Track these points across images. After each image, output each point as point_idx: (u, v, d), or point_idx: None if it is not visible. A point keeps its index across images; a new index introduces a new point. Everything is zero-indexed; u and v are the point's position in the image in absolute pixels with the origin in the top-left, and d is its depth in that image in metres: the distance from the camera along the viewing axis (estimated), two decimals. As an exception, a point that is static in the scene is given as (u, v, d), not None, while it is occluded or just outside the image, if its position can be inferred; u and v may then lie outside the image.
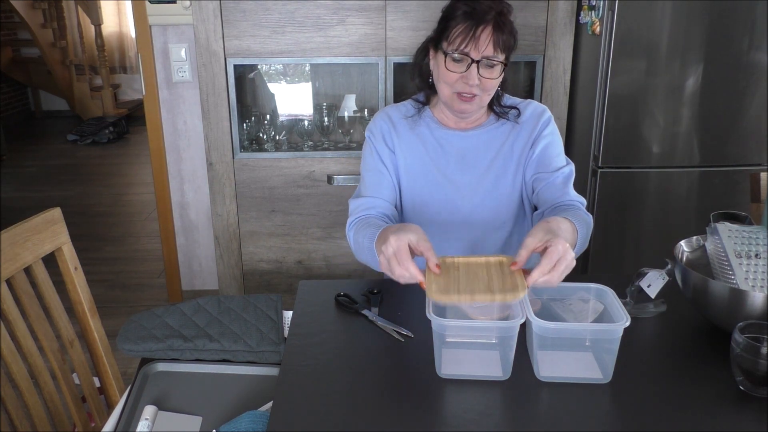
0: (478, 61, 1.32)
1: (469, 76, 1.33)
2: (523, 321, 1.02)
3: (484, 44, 1.31)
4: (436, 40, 1.39)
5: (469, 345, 1.13)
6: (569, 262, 1.04)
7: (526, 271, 1.05)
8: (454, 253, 1.48)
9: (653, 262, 1.27)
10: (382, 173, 1.48)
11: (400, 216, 1.52)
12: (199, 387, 1.21)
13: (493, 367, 1.07)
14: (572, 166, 1.46)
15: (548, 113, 1.48)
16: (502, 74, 1.38)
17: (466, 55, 1.32)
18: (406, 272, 1.08)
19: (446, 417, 0.98)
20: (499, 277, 1.06)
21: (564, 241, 1.04)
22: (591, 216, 1.37)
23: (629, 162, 2.32)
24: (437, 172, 1.47)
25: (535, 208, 1.47)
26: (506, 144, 1.47)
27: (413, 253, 1.10)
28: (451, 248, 1.48)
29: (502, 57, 1.34)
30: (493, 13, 1.31)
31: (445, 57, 1.34)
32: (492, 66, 1.34)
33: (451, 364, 1.08)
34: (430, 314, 1.02)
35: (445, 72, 1.36)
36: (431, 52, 1.42)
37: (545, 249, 1.04)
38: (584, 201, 1.43)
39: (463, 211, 1.47)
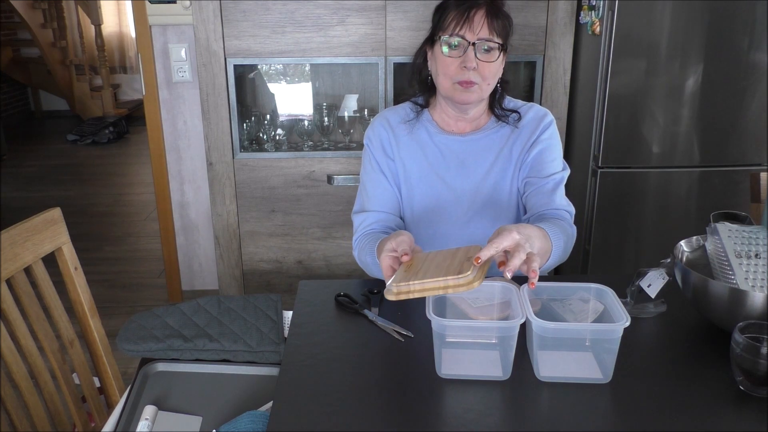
0: (474, 44, 1.32)
1: (466, 58, 1.33)
2: (523, 321, 1.02)
3: (479, 26, 1.31)
4: (431, 36, 1.40)
5: (469, 345, 1.13)
6: (518, 254, 1.02)
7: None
8: None
9: (653, 262, 1.27)
10: (382, 184, 1.47)
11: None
12: (199, 387, 1.21)
13: (493, 367, 1.07)
14: (566, 173, 1.45)
15: (550, 117, 1.47)
16: (501, 61, 1.37)
17: (462, 37, 1.32)
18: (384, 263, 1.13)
19: (446, 417, 0.98)
20: (458, 266, 1.02)
21: (517, 233, 1.03)
22: (575, 228, 1.38)
23: (629, 162, 2.32)
24: (436, 179, 1.46)
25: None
26: (505, 148, 1.46)
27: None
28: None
29: (498, 40, 1.34)
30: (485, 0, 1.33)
31: (442, 44, 1.35)
32: (489, 50, 1.34)
33: (451, 364, 1.08)
34: (430, 314, 1.02)
35: (443, 60, 1.35)
36: (428, 52, 1.42)
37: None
38: (572, 210, 1.42)
39: (461, 218, 1.46)
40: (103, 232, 3.97)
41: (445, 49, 1.34)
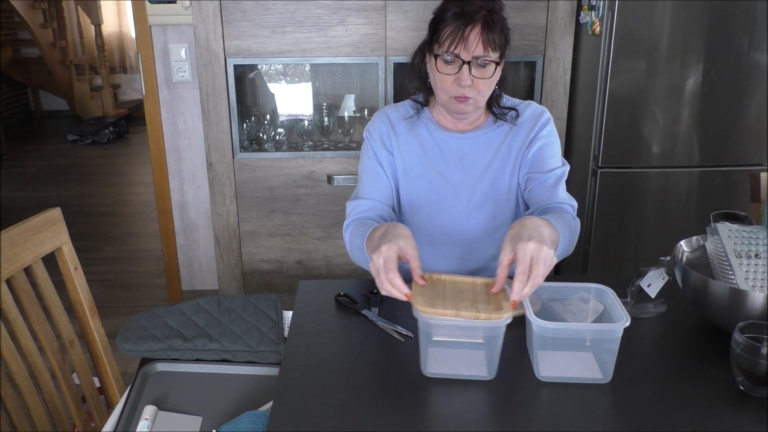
0: (468, 62, 1.31)
1: (461, 77, 1.32)
2: (509, 321, 1.01)
3: (474, 44, 1.30)
4: (428, 43, 1.39)
5: (456, 344, 1.13)
6: (545, 259, 1.03)
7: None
8: (452, 255, 1.49)
9: (653, 262, 1.27)
10: (379, 175, 1.48)
11: (398, 218, 1.51)
12: (199, 387, 1.21)
13: (480, 366, 1.07)
14: (566, 168, 1.45)
15: (547, 114, 1.48)
16: (498, 73, 1.37)
17: (457, 56, 1.31)
18: (391, 288, 1.09)
19: (447, 417, 0.98)
20: (484, 297, 1.07)
21: (528, 240, 1.04)
22: (578, 220, 1.37)
23: (629, 162, 2.32)
24: (435, 174, 1.47)
25: (527, 208, 1.47)
26: (504, 145, 1.46)
27: (400, 259, 1.11)
28: (449, 251, 1.48)
29: (494, 56, 1.32)
30: (483, 12, 1.29)
31: (437, 59, 1.34)
32: (484, 65, 1.33)
33: (436, 363, 1.08)
34: (417, 312, 1.02)
35: (438, 75, 1.35)
36: (426, 55, 1.42)
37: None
38: (575, 204, 1.42)
39: (461, 213, 1.47)
40: (103, 232, 3.97)
41: (440, 64, 1.34)
